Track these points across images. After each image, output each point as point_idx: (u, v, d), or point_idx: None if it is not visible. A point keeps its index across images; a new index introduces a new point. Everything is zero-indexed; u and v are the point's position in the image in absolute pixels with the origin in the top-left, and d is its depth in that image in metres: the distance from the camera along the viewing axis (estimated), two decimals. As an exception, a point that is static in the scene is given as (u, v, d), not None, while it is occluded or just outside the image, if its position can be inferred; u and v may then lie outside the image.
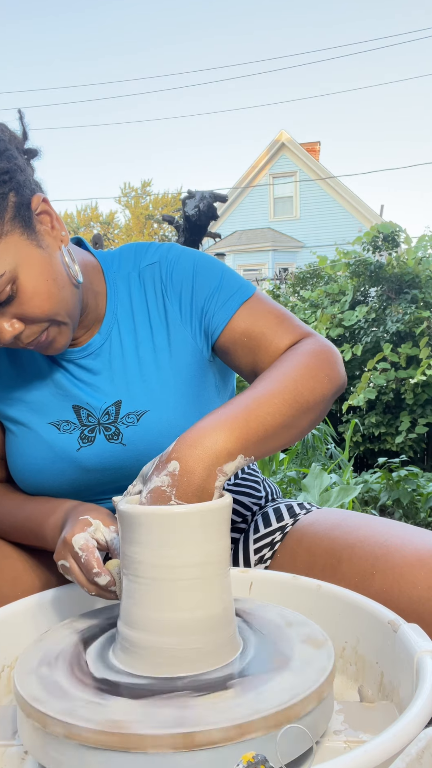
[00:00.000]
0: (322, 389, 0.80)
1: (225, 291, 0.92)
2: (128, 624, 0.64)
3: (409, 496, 3.49)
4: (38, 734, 0.56)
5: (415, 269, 5.16)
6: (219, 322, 0.91)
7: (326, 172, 18.87)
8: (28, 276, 0.79)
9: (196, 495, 0.66)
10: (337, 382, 0.84)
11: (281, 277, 10.71)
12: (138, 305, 0.94)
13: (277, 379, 0.78)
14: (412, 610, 0.77)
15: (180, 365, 0.92)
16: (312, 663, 0.62)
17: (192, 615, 0.62)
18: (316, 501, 3.03)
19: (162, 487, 0.66)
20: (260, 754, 0.46)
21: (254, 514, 1.07)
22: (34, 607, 0.82)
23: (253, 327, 0.90)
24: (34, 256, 0.80)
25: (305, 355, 0.83)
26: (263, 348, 0.89)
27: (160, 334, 0.93)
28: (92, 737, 0.52)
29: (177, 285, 0.93)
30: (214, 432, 0.69)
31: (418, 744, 0.46)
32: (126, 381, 0.92)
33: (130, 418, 0.91)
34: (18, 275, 0.78)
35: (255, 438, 0.71)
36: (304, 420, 0.79)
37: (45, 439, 0.92)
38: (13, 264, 0.77)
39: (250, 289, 0.93)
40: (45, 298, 0.80)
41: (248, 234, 18.36)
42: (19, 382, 0.95)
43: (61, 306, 0.82)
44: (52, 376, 0.94)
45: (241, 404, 0.74)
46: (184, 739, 0.51)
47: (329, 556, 0.91)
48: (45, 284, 0.80)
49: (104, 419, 0.91)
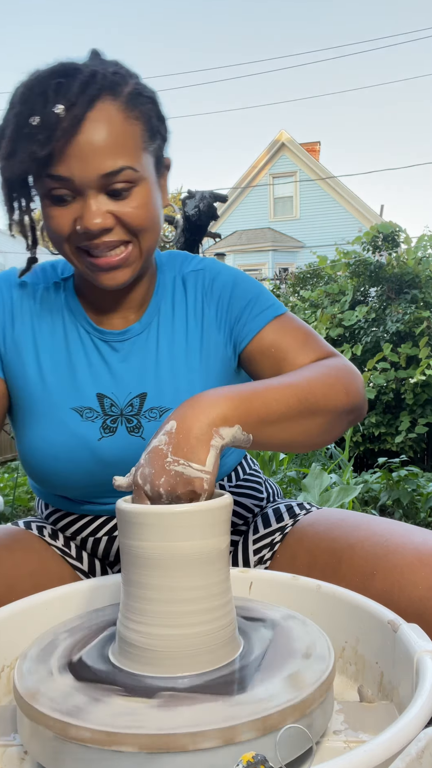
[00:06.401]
0: (336, 399, 0.81)
1: (260, 304, 0.95)
2: (128, 622, 0.64)
3: (409, 496, 3.49)
4: (37, 734, 0.56)
5: (415, 269, 5.16)
6: (249, 330, 0.94)
7: (326, 172, 18.87)
8: (143, 190, 0.83)
9: (191, 450, 0.66)
10: (355, 399, 0.85)
11: (281, 277, 10.71)
12: (178, 306, 0.96)
13: (292, 376, 0.81)
14: (413, 610, 0.77)
15: (209, 369, 0.94)
16: (312, 663, 0.62)
17: (192, 615, 0.62)
18: (316, 501, 3.03)
19: (159, 446, 0.67)
20: (260, 754, 0.46)
21: (255, 515, 1.07)
22: (34, 607, 0.82)
23: (281, 341, 0.92)
24: (153, 186, 0.85)
25: (326, 367, 0.85)
26: (288, 361, 0.91)
27: (195, 336, 0.95)
28: (92, 737, 0.52)
29: (217, 292, 0.96)
30: (216, 399, 0.70)
31: (418, 744, 0.46)
32: (155, 375, 0.93)
33: (153, 413, 0.92)
34: (137, 183, 0.82)
35: (256, 416, 0.72)
36: (312, 422, 0.79)
37: (67, 425, 0.90)
38: (139, 173, 0.82)
39: (283, 307, 0.97)
40: (145, 214, 0.84)
41: (248, 234, 18.36)
42: (58, 350, 0.93)
43: (150, 232, 0.85)
44: (86, 352, 0.93)
45: (249, 385, 0.76)
46: (183, 739, 0.51)
47: (329, 556, 0.91)
48: (151, 207, 0.84)
49: (127, 410, 0.92)
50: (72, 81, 0.77)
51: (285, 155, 19.05)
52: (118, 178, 0.80)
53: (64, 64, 0.80)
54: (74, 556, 1.02)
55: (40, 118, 0.76)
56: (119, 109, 0.80)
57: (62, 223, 0.82)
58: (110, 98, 0.79)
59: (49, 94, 0.76)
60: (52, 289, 0.96)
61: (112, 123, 0.79)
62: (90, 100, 0.77)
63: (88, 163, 0.78)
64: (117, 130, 0.79)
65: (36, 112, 0.76)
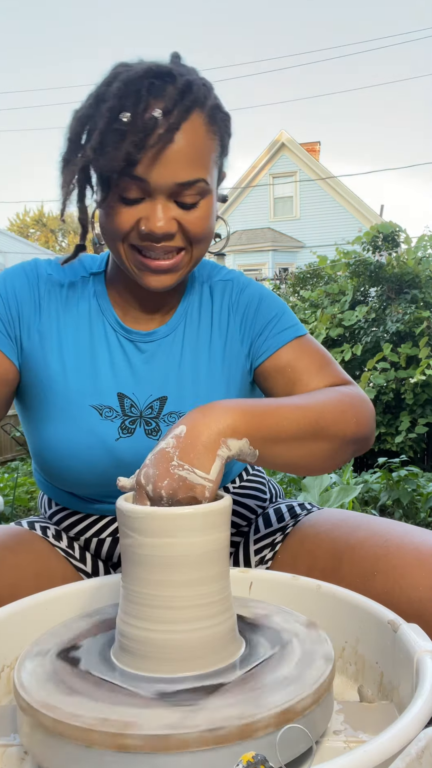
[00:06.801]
0: (345, 426, 0.82)
1: (282, 322, 0.96)
2: (128, 621, 0.64)
3: (409, 496, 3.49)
4: (37, 734, 0.56)
5: (415, 269, 5.16)
6: (269, 347, 0.95)
7: (326, 172, 18.87)
8: (207, 202, 0.85)
9: (197, 457, 0.66)
10: (364, 429, 0.85)
11: (281, 277, 10.71)
12: (205, 313, 0.97)
13: (306, 398, 0.82)
14: (413, 610, 0.77)
15: (230, 379, 0.95)
16: (312, 663, 0.62)
17: (191, 614, 0.62)
18: (316, 501, 3.03)
19: (166, 449, 0.67)
20: (260, 754, 0.46)
21: (257, 516, 1.07)
22: (34, 607, 0.82)
23: (297, 362, 0.93)
24: (214, 199, 0.87)
25: (340, 393, 0.86)
26: (303, 383, 0.91)
27: (218, 345, 0.95)
28: (93, 738, 0.52)
29: (243, 304, 0.97)
30: (228, 409, 0.70)
31: (418, 744, 0.46)
32: (177, 380, 0.93)
33: (172, 418, 0.92)
34: (205, 195, 0.84)
35: (265, 432, 0.72)
36: (318, 446, 0.79)
37: (86, 422, 0.90)
38: (209, 186, 0.84)
39: (304, 329, 0.98)
40: (206, 226, 0.86)
41: (248, 234, 18.35)
42: (82, 345, 0.93)
43: (204, 243, 0.88)
44: (110, 350, 0.93)
45: (263, 401, 0.76)
46: (183, 739, 0.51)
47: (330, 556, 0.91)
48: (211, 219, 0.87)
49: (147, 413, 0.92)
50: (167, 86, 0.79)
51: (285, 155, 19.04)
52: (191, 190, 0.82)
53: (158, 65, 0.82)
54: (78, 558, 1.02)
55: (132, 118, 0.77)
56: (203, 122, 0.82)
57: (126, 221, 0.83)
58: (199, 110, 0.81)
59: (143, 94, 0.78)
60: (79, 283, 0.96)
61: (197, 135, 0.81)
62: (186, 110, 0.79)
63: (169, 170, 0.79)
64: (200, 142, 0.81)
65: (127, 109, 0.77)
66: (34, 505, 4.10)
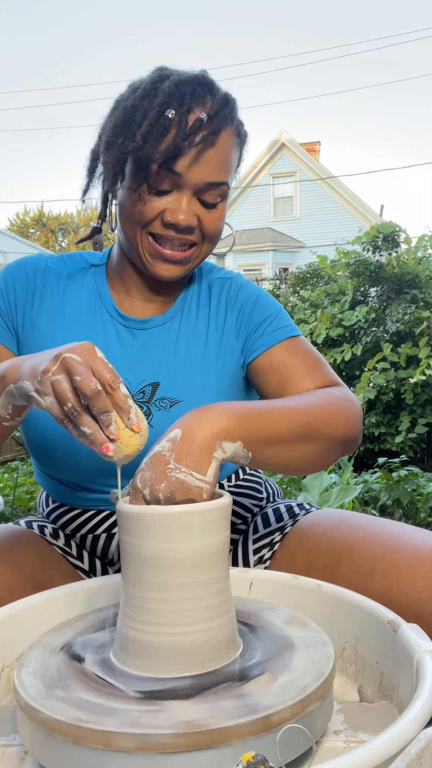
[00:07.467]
0: (335, 428, 0.84)
1: (277, 322, 1.00)
2: (128, 622, 0.64)
3: (409, 496, 3.49)
4: (38, 734, 0.56)
5: (415, 269, 5.16)
6: (262, 344, 0.98)
7: (326, 172, 18.86)
8: (224, 205, 0.93)
9: (194, 459, 0.67)
10: (353, 430, 0.87)
11: (281, 277, 10.70)
12: (203, 307, 1.01)
13: (297, 400, 0.84)
14: (412, 610, 0.78)
15: (224, 372, 0.98)
16: (311, 663, 0.62)
17: (191, 614, 0.62)
18: (316, 501, 3.03)
19: (162, 452, 0.67)
20: (260, 754, 0.46)
21: (254, 515, 1.07)
22: (34, 607, 0.82)
23: (290, 361, 0.96)
24: (227, 204, 0.95)
25: (330, 396, 0.88)
26: (294, 383, 0.94)
27: (214, 338, 0.99)
28: (93, 738, 0.52)
29: (240, 302, 1.01)
30: (222, 412, 0.71)
31: (418, 744, 0.46)
32: (171, 366, 0.96)
33: (164, 403, 0.94)
34: (223, 198, 0.92)
35: (258, 435, 0.73)
36: (309, 448, 0.81)
37: None
38: (228, 191, 0.92)
39: (298, 330, 1.02)
40: (219, 226, 0.94)
41: (248, 234, 18.35)
42: (77, 330, 0.96)
43: (214, 242, 0.95)
44: (106, 335, 0.96)
45: (256, 404, 0.78)
46: (184, 739, 0.51)
47: (329, 556, 0.91)
48: (223, 221, 0.94)
49: (138, 397, 0.94)
50: (209, 94, 0.88)
51: (285, 155, 19.04)
52: (216, 191, 0.90)
53: (204, 73, 0.92)
54: (75, 555, 1.02)
55: (178, 116, 0.85)
56: (233, 134, 0.91)
57: (152, 210, 0.88)
58: (231, 123, 0.90)
59: (188, 98, 0.86)
60: (78, 274, 1.01)
61: (229, 144, 0.90)
62: (224, 119, 0.88)
63: (204, 169, 0.87)
64: (229, 151, 0.90)
65: (174, 107, 0.85)
66: (34, 505, 4.10)
